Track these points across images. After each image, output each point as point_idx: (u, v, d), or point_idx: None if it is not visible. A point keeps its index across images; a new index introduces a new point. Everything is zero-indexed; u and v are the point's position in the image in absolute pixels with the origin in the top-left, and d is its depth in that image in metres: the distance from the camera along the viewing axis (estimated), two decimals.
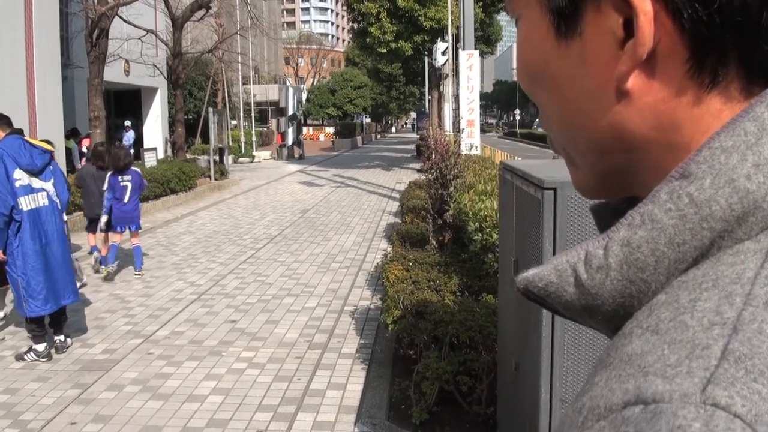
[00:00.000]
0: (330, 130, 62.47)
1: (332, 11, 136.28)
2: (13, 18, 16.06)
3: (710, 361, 0.37)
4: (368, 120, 73.66)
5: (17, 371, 6.06)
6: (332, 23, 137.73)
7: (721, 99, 0.46)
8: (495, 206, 6.51)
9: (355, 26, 35.24)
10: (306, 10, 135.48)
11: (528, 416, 3.07)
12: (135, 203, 9.52)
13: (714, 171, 0.43)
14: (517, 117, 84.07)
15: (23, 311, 6.20)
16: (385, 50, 32.40)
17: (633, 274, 0.46)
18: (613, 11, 0.46)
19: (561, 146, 0.57)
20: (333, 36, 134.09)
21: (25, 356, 6.26)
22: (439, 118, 30.22)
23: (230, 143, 30.47)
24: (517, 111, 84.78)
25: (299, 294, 8.61)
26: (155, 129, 30.13)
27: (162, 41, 24.19)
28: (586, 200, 0.62)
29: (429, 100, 38.09)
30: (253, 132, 39.79)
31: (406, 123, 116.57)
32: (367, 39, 32.74)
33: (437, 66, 28.42)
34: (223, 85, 35.73)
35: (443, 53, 26.47)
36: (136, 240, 9.71)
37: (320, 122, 71.26)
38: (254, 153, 36.36)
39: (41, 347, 6.27)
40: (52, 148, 6.67)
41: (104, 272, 9.40)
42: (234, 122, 38.63)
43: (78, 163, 19.10)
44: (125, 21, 19.66)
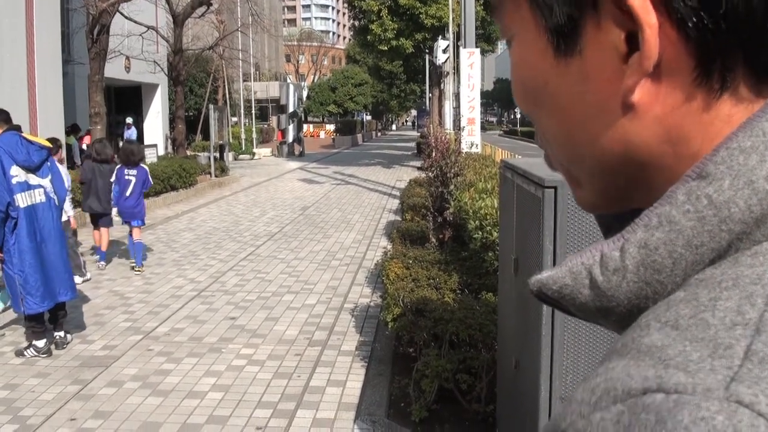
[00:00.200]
0: (330, 128, 62.49)
1: (333, 8, 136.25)
2: (14, 14, 16.07)
3: (733, 361, 0.37)
4: (369, 117, 73.63)
5: (17, 367, 6.06)
6: (333, 20, 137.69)
7: (731, 102, 0.45)
8: (495, 204, 6.51)
9: (356, 23, 35.22)
10: (307, 7, 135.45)
11: (528, 414, 3.08)
12: (137, 198, 9.65)
13: (733, 172, 0.43)
14: (518, 115, 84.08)
15: (20, 308, 6.19)
16: (386, 48, 32.37)
17: (650, 276, 0.45)
18: (615, 26, 0.46)
19: (561, 164, 0.57)
20: (334, 33, 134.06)
21: (25, 352, 6.27)
22: (440, 116, 30.21)
23: (231, 140, 30.45)
24: (518, 109, 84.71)
25: (299, 291, 8.61)
26: (156, 126, 30.13)
27: (163, 38, 24.20)
28: None
29: (429, 98, 38.08)
30: (254, 129, 39.76)
31: (407, 121, 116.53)
32: (368, 36, 32.71)
33: (438, 64, 28.40)
34: (224, 82, 35.73)
35: (444, 51, 26.45)
36: (138, 236, 9.80)
37: (321, 119, 71.28)
38: (254, 150, 36.35)
39: (41, 343, 6.28)
40: (50, 145, 6.66)
41: (138, 269, 9.68)
42: (234, 119, 38.62)
43: (78, 159, 19.09)
44: (126, 17, 19.65)
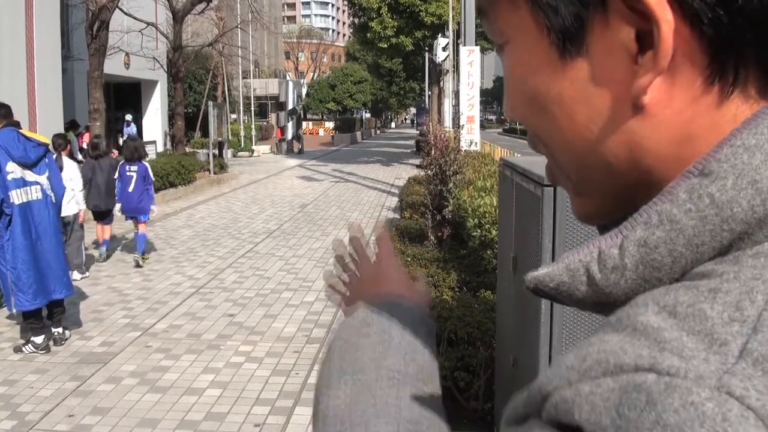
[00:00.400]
0: (329, 125, 62.45)
1: (333, 6, 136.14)
2: (14, 10, 16.05)
3: (728, 358, 0.37)
4: (368, 115, 73.61)
5: (15, 363, 6.06)
6: (333, 18, 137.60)
7: (739, 101, 0.45)
8: (494, 202, 6.52)
9: (356, 21, 35.22)
10: (306, 4, 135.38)
11: None
12: (140, 194, 9.84)
13: (736, 170, 0.42)
14: None
15: (10, 306, 6.18)
16: (386, 45, 32.38)
17: (648, 274, 0.45)
18: (624, 24, 0.45)
19: (563, 173, 0.55)
20: (333, 31, 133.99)
21: (24, 348, 6.27)
22: (439, 114, 30.23)
23: (230, 137, 30.41)
24: None
25: (297, 288, 8.62)
26: (155, 122, 30.10)
27: (162, 34, 24.15)
28: None
29: (429, 96, 38.10)
30: (253, 126, 39.76)
31: (406, 119, 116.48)
32: (368, 34, 32.70)
33: (438, 62, 28.41)
34: (223, 79, 35.69)
35: (444, 49, 26.46)
36: (143, 229, 10.05)
37: (320, 117, 71.25)
38: (253, 147, 36.35)
39: (39, 339, 6.28)
40: (48, 141, 6.64)
41: (141, 261, 9.83)
42: (233, 116, 38.57)
43: (78, 155, 19.08)
44: (126, 13, 19.63)
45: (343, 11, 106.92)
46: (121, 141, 23.45)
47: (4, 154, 6.00)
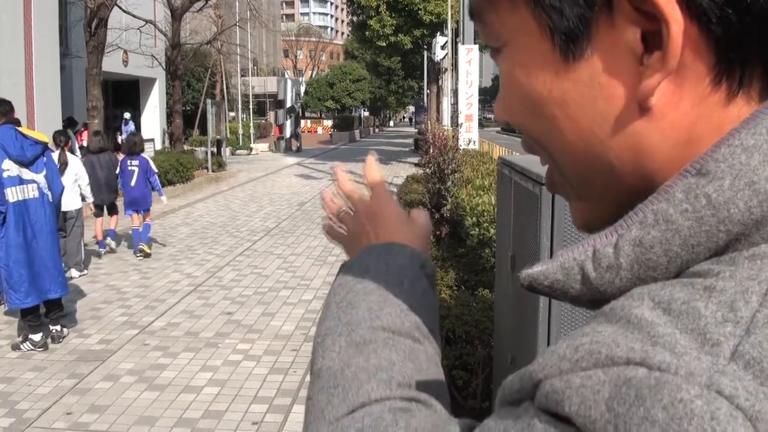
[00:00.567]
0: (328, 123, 62.46)
1: (331, 4, 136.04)
2: (12, 7, 16.03)
3: (719, 359, 0.36)
4: (366, 114, 73.61)
5: (13, 360, 6.06)
6: (331, 16, 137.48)
7: (742, 102, 0.45)
8: (492, 201, 6.52)
9: (355, 19, 35.19)
10: (305, 2, 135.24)
11: None
12: (143, 188, 10.19)
13: (734, 171, 0.42)
14: None
15: (4, 303, 6.22)
16: (385, 44, 32.38)
17: (643, 273, 0.44)
18: (630, 25, 0.44)
19: (564, 179, 0.54)
20: (332, 29, 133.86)
21: (22, 346, 6.26)
22: (438, 113, 30.23)
23: (228, 135, 30.42)
24: None
25: (296, 287, 8.62)
26: (153, 120, 30.06)
27: (161, 32, 24.13)
28: None
29: (427, 95, 38.09)
30: (251, 124, 39.75)
31: (404, 117, 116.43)
32: (367, 32, 32.70)
33: (436, 60, 28.42)
34: (222, 77, 35.68)
35: (442, 47, 26.47)
36: (148, 219, 10.44)
37: (318, 115, 71.22)
38: (252, 145, 36.32)
39: (37, 337, 6.27)
40: (46, 140, 6.63)
41: (148, 249, 10.20)
42: (232, 114, 38.58)
43: (77, 153, 19.06)
44: (124, 11, 19.60)
45: (342, 9, 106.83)
46: (120, 139, 23.47)
47: (1, 152, 5.99)
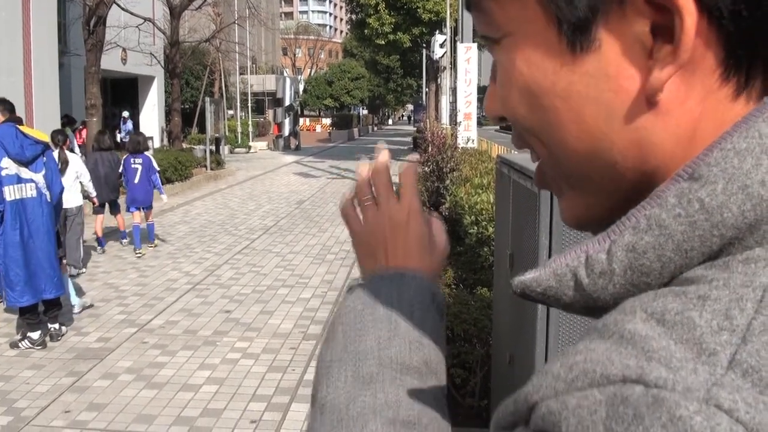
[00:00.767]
0: (327, 122, 62.43)
1: (330, 2, 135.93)
2: (11, 5, 16.01)
3: (716, 369, 0.36)
4: (365, 112, 73.59)
5: (11, 359, 6.06)
6: (330, 14, 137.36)
7: (744, 101, 0.44)
8: (491, 200, 6.52)
9: (354, 17, 35.20)
10: (304, 1, 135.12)
11: None
12: (146, 186, 10.40)
13: (727, 175, 0.41)
14: None
15: (3, 300, 6.23)
16: (383, 42, 32.40)
17: (637, 279, 0.44)
18: (640, 17, 0.43)
19: (560, 178, 0.53)
20: (331, 27, 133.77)
21: (20, 344, 6.26)
22: (437, 111, 30.21)
23: (227, 133, 30.40)
24: None
25: (294, 285, 8.62)
26: (151, 118, 30.04)
27: (159, 30, 24.11)
28: None
29: (426, 93, 38.05)
30: (250, 122, 39.72)
31: (403, 115, 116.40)
32: (366, 30, 32.71)
33: (435, 58, 28.39)
34: (220, 75, 35.66)
35: (441, 46, 26.45)
36: (150, 218, 10.72)
37: (317, 113, 71.17)
38: (250, 143, 36.30)
39: (36, 335, 6.27)
40: (46, 139, 6.62)
41: (152, 246, 10.63)
42: (231, 112, 38.55)
43: (76, 150, 19.06)
44: (123, 9, 19.58)
45: (341, 7, 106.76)
46: (119, 137, 23.46)
47: (0, 150, 5.99)
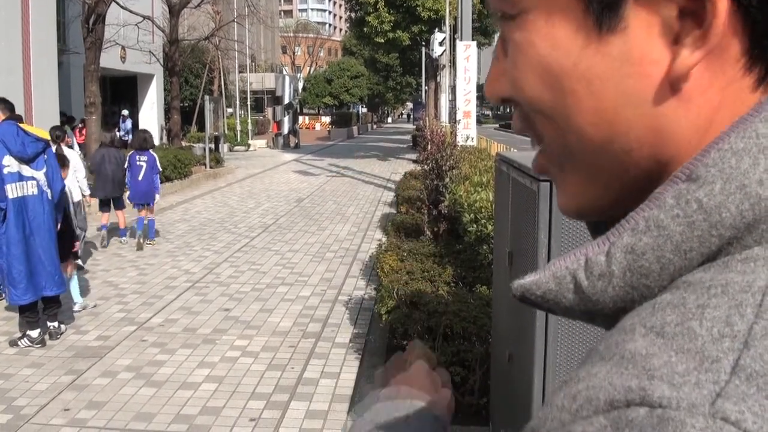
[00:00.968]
0: (326, 120, 62.39)
1: (330, 0, 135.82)
2: (10, 3, 15.99)
3: (720, 376, 0.35)
4: (364, 110, 73.54)
5: (11, 357, 6.06)
6: (329, 12, 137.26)
7: (760, 93, 0.44)
8: (490, 198, 6.52)
9: (353, 15, 35.16)
10: None
11: (521, 407, 3.09)
12: (148, 182, 10.62)
13: (724, 175, 0.41)
14: (514, 110, 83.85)
15: (6, 298, 6.24)
16: (383, 40, 32.35)
17: (636, 281, 0.44)
18: (669, 1, 0.42)
19: (569, 164, 0.51)
20: (330, 25, 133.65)
21: (19, 342, 6.26)
22: (436, 109, 30.18)
23: (226, 131, 30.39)
24: None
25: (293, 283, 8.61)
26: (151, 116, 30.04)
27: (159, 28, 24.12)
28: None
29: (426, 91, 38.03)
30: (249, 120, 39.70)
31: (402, 113, 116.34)
32: (365, 28, 32.67)
33: (434, 57, 28.35)
34: (220, 73, 35.63)
35: (440, 44, 26.41)
36: (151, 214, 10.90)
37: (316, 111, 71.10)
38: (250, 141, 36.29)
39: (35, 333, 6.27)
40: (48, 137, 6.62)
41: (140, 244, 10.62)
42: (230, 110, 38.52)
43: (75, 148, 19.05)
44: (122, 7, 19.58)
45: (340, 5, 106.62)
46: (118, 136, 23.44)
47: (2, 148, 6.00)
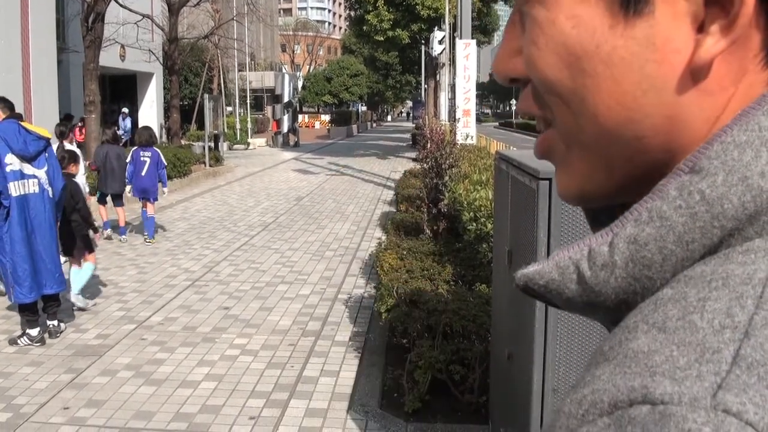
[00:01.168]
0: (325, 118, 62.39)
1: None
2: (10, 2, 15.98)
3: (721, 366, 0.36)
4: (364, 108, 73.55)
5: (10, 355, 6.06)
6: (329, 10, 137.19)
7: None
8: (490, 196, 6.52)
9: (352, 14, 35.17)
10: None
11: (520, 405, 3.09)
12: (151, 178, 10.84)
13: (727, 167, 0.41)
14: (513, 107, 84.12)
15: (10, 296, 6.23)
16: (382, 38, 32.33)
17: (638, 272, 0.44)
18: None
19: (576, 148, 0.50)
20: (330, 23, 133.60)
21: (19, 340, 6.26)
22: (435, 108, 30.18)
23: (225, 130, 30.38)
24: (513, 101, 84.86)
25: (293, 281, 8.61)
26: (150, 114, 30.04)
27: (158, 26, 24.11)
28: None
29: (425, 89, 38.01)
30: (249, 119, 39.69)
31: (402, 112, 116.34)
32: (364, 27, 32.65)
33: (434, 55, 28.33)
34: (219, 72, 35.60)
35: (440, 42, 26.39)
36: (152, 211, 11.01)
37: (316, 110, 71.17)
38: (249, 140, 36.27)
39: (35, 332, 6.27)
40: (49, 135, 6.62)
41: (152, 240, 10.95)
42: (229, 109, 38.50)
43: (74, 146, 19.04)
44: (121, 5, 19.56)
45: (340, 4, 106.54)
46: (118, 134, 23.44)
47: (4, 146, 6.00)
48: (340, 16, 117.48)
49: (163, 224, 12.77)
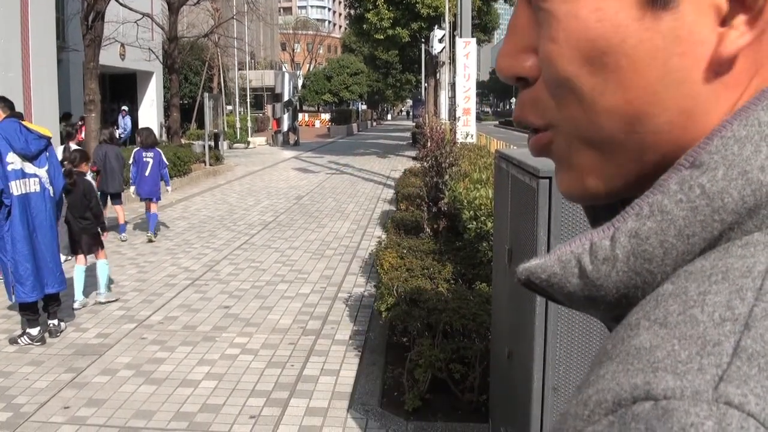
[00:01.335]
0: (326, 117, 62.40)
1: None
2: (9, 1, 15.97)
3: (722, 358, 0.36)
4: (364, 107, 73.54)
5: (11, 355, 6.06)
6: (329, 9, 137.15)
7: None
8: (490, 195, 6.51)
9: (352, 12, 35.11)
10: None
11: (520, 404, 3.09)
12: (155, 178, 10.96)
13: (727, 162, 0.42)
14: (513, 106, 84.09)
15: (10, 296, 6.22)
16: (382, 37, 32.30)
17: (640, 266, 0.44)
18: None
19: (586, 142, 0.49)
20: (330, 22, 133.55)
21: (19, 340, 6.26)
22: (435, 106, 30.15)
23: (225, 129, 30.37)
24: (513, 100, 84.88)
25: (293, 280, 8.62)
26: (150, 113, 30.00)
27: (158, 25, 24.09)
28: None
29: (425, 88, 38.00)
30: (249, 118, 39.67)
31: (402, 110, 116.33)
32: (364, 25, 32.63)
33: (434, 53, 28.31)
34: (219, 70, 35.59)
35: (440, 41, 26.37)
36: (155, 209, 11.18)
37: (316, 109, 71.14)
38: (249, 139, 36.27)
39: (35, 331, 6.27)
40: (50, 134, 6.63)
41: (153, 237, 11.03)
42: (229, 107, 38.50)
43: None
44: (121, 4, 19.54)
45: (340, 2, 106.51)
46: (118, 133, 23.44)
47: (6, 145, 6.01)
48: (340, 15, 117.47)
49: (164, 223, 12.77)
